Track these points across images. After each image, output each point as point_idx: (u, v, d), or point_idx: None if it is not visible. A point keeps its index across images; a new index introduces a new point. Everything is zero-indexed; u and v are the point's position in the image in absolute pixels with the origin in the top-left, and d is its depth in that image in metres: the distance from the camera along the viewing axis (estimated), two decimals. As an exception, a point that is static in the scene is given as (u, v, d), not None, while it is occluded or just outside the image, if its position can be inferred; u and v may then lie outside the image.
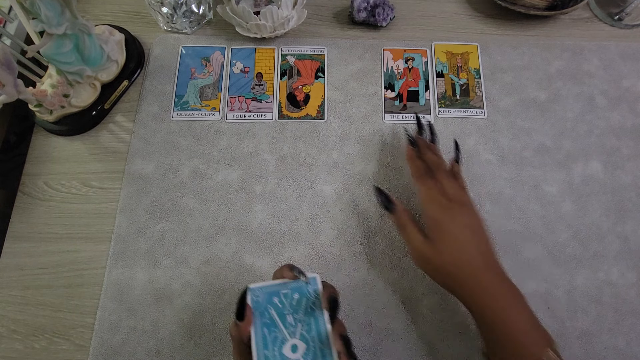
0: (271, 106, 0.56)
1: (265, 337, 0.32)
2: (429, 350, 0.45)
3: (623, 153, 0.54)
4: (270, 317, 0.33)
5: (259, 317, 0.33)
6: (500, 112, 0.55)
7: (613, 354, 0.45)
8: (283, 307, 0.33)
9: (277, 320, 0.33)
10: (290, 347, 0.32)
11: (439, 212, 0.42)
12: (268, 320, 0.33)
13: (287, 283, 0.34)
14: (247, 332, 0.32)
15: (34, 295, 0.47)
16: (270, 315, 0.33)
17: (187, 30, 0.59)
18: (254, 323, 0.33)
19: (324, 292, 0.34)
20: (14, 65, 0.43)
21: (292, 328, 0.33)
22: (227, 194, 0.51)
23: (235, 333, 0.33)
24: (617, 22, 0.61)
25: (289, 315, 0.33)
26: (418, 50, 0.59)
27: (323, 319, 0.33)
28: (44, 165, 0.53)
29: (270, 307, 0.33)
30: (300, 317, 0.33)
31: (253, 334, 0.32)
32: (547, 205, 0.51)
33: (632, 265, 0.49)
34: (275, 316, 0.33)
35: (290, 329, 0.33)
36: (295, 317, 0.33)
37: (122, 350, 0.45)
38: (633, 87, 0.57)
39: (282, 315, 0.33)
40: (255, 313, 0.33)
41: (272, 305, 0.33)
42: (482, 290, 0.39)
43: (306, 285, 0.34)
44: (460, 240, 0.40)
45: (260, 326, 0.33)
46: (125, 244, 0.49)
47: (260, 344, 0.32)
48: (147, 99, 0.56)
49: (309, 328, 0.33)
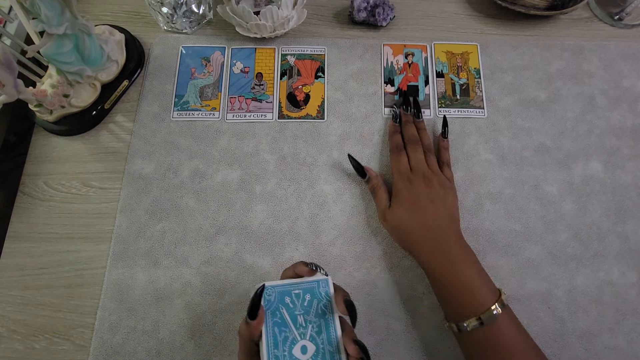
0: (271, 106, 0.56)
1: (276, 337, 0.32)
2: (430, 350, 0.45)
3: (623, 153, 0.54)
4: (282, 317, 0.33)
5: (270, 316, 0.32)
6: (500, 112, 0.55)
7: (614, 354, 0.45)
8: (294, 307, 0.33)
9: (288, 320, 0.33)
10: (300, 348, 0.32)
11: (400, 182, 0.48)
12: (279, 319, 0.33)
13: (299, 283, 0.34)
14: (258, 331, 0.32)
15: (34, 295, 0.47)
16: (282, 315, 0.33)
17: (187, 30, 0.59)
18: (265, 322, 0.32)
19: (338, 295, 0.34)
20: (14, 65, 0.43)
21: (302, 329, 0.33)
22: (227, 194, 0.51)
23: (245, 331, 0.32)
24: (617, 22, 0.61)
25: (299, 316, 0.33)
26: (418, 45, 0.59)
27: (334, 321, 0.33)
28: (44, 165, 0.53)
29: (281, 307, 0.33)
30: (310, 318, 0.33)
31: (264, 333, 0.32)
32: (547, 205, 0.51)
33: (633, 265, 0.49)
34: (286, 316, 0.33)
35: (300, 330, 0.33)
36: (305, 318, 0.33)
37: (122, 350, 0.45)
38: (633, 87, 0.57)
39: (293, 316, 0.33)
40: (267, 312, 0.32)
41: (284, 304, 0.33)
42: (430, 250, 0.43)
43: (318, 287, 0.34)
44: (414, 207, 0.45)
45: (272, 326, 0.32)
46: (125, 244, 0.49)
47: (270, 343, 0.32)
48: (147, 99, 0.56)
49: (319, 330, 0.33)
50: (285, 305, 0.33)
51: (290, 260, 0.48)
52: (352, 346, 0.32)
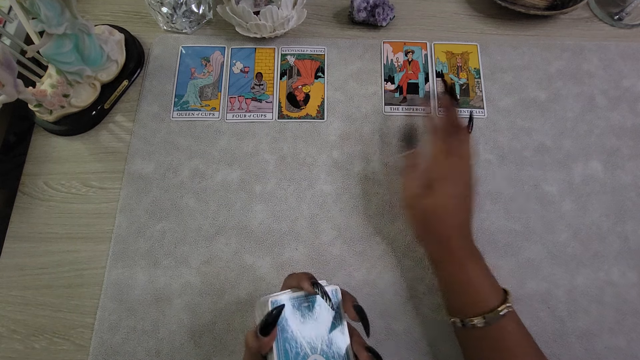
0: (271, 106, 0.56)
1: (287, 353, 0.31)
2: (430, 350, 0.45)
3: (623, 153, 0.53)
4: (292, 332, 0.32)
5: (280, 331, 0.32)
6: (500, 112, 0.55)
7: (614, 354, 0.45)
8: (304, 321, 0.33)
9: (298, 335, 0.32)
10: None
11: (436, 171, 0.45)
12: (289, 335, 0.32)
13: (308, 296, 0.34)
14: (269, 347, 0.31)
15: (34, 295, 0.47)
16: (292, 330, 0.32)
17: (187, 30, 0.59)
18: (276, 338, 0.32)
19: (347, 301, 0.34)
20: (13, 65, 0.43)
21: (313, 343, 0.32)
22: (227, 193, 0.51)
23: (254, 345, 0.32)
24: (617, 21, 0.61)
25: (309, 329, 0.33)
26: (418, 43, 0.59)
27: (342, 331, 0.33)
28: (44, 165, 0.53)
29: (291, 321, 0.33)
30: (321, 331, 0.33)
31: (275, 350, 0.31)
32: (547, 205, 0.51)
33: (633, 264, 0.49)
34: (297, 331, 0.32)
35: (311, 344, 0.32)
36: (316, 331, 0.33)
37: (122, 350, 0.45)
38: (633, 87, 0.57)
39: (303, 330, 0.32)
40: (277, 328, 0.32)
41: (294, 319, 0.33)
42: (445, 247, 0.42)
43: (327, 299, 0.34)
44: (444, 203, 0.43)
45: (282, 341, 0.32)
46: (125, 244, 0.49)
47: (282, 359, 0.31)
48: (147, 98, 0.56)
49: (330, 342, 0.33)
50: (295, 319, 0.33)
51: (290, 260, 0.48)
52: (364, 354, 0.32)
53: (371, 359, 0.32)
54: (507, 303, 0.39)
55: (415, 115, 0.55)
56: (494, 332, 0.39)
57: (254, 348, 0.32)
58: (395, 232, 0.50)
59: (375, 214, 0.50)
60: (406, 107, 0.55)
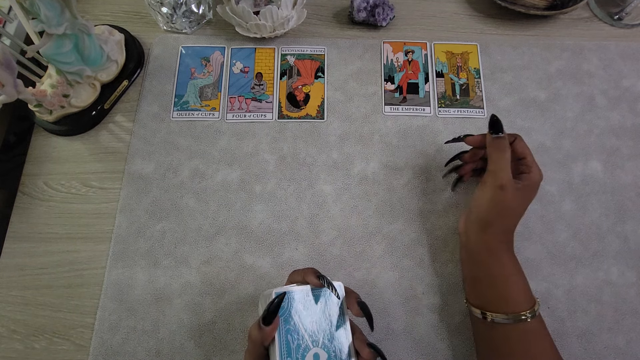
0: (271, 106, 0.56)
1: (289, 345, 0.32)
2: (430, 351, 0.45)
3: (623, 153, 0.54)
4: (295, 324, 0.33)
5: (283, 323, 0.32)
6: (500, 112, 0.55)
7: (613, 354, 0.45)
8: (307, 314, 0.33)
9: (300, 327, 0.33)
10: (313, 355, 0.32)
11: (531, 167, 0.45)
12: (292, 326, 0.32)
13: (312, 289, 0.34)
14: (271, 337, 0.32)
15: (34, 295, 0.47)
16: (295, 322, 0.33)
17: (187, 30, 0.59)
18: (278, 329, 0.32)
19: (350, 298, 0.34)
20: (13, 65, 0.43)
21: (314, 336, 0.32)
22: (227, 194, 0.51)
23: (257, 336, 0.32)
24: (617, 21, 0.61)
25: (312, 323, 0.33)
26: (418, 43, 0.59)
27: (345, 327, 0.33)
28: (44, 165, 0.53)
29: (294, 314, 0.33)
30: (323, 325, 0.33)
31: (277, 340, 0.32)
32: (547, 204, 0.51)
33: (632, 264, 0.49)
34: (299, 323, 0.33)
35: (313, 337, 0.32)
36: (318, 325, 0.33)
37: (122, 350, 0.45)
38: (633, 87, 0.57)
39: (305, 323, 0.33)
40: (280, 319, 0.32)
41: (297, 311, 0.33)
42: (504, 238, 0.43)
43: (330, 293, 0.34)
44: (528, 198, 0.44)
45: (284, 333, 0.32)
46: (125, 244, 0.49)
47: (283, 351, 0.31)
48: (147, 99, 0.56)
49: (331, 337, 0.33)
50: (298, 312, 0.33)
51: (290, 260, 0.48)
52: (366, 350, 0.32)
53: (373, 354, 0.32)
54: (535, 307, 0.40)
55: (415, 115, 0.55)
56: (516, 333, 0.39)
57: (257, 338, 0.32)
58: (395, 232, 0.50)
59: (375, 214, 0.50)
60: (406, 107, 0.55)
